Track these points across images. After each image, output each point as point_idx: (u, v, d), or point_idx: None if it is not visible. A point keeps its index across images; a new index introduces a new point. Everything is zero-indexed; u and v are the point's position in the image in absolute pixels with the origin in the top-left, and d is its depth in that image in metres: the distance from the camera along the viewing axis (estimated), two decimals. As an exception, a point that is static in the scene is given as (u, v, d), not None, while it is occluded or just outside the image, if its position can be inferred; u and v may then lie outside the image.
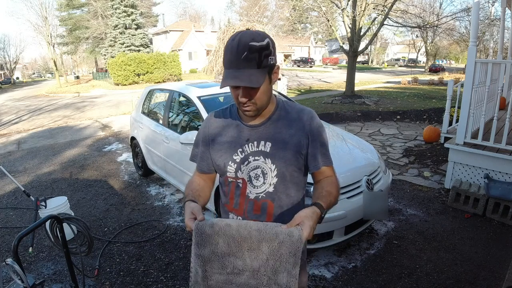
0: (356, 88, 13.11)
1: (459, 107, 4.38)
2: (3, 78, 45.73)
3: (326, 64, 46.96)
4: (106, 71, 29.91)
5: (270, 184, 1.17)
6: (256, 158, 1.16)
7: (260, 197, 1.18)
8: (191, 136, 3.11)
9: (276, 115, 1.18)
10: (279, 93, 4.31)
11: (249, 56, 0.99)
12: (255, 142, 1.16)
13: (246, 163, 1.17)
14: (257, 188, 1.18)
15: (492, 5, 18.88)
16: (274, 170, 1.15)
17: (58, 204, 3.06)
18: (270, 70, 1.06)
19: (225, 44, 1.04)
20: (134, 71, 23.51)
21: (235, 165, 1.18)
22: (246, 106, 1.09)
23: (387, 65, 47.27)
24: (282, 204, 1.19)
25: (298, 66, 40.01)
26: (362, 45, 12.90)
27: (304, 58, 41.57)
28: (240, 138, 1.18)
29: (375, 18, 13.62)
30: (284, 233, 0.96)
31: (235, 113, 1.22)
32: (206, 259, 1.03)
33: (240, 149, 1.18)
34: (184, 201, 1.18)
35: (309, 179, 1.26)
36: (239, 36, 1.00)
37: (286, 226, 0.97)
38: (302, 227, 0.96)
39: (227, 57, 1.02)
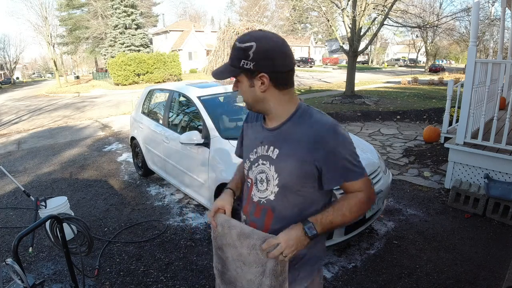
0: (356, 88, 13.11)
1: (459, 107, 4.38)
2: (3, 78, 45.75)
3: (326, 64, 46.96)
4: (106, 71, 29.90)
5: (272, 192, 1.12)
6: (264, 162, 1.14)
7: (261, 202, 1.16)
8: (191, 136, 3.11)
9: (291, 122, 1.09)
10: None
11: (230, 53, 1.10)
12: (266, 146, 1.14)
13: (256, 164, 1.17)
14: (261, 192, 1.16)
15: (492, 5, 18.93)
16: (276, 179, 1.10)
17: (58, 204, 3.06)
18: (249, 74, 1.04)
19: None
20: (134, 71, 23.49)
21: (249, 164, 1.20)
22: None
23: (387, 65, 47.27)
24: (283, 217, 1.11)
25: (298, 66, 39.95)
26: (362, 45, 12.90)
27: (304, 58, 41.56)
28: (257, 139, 1.19)
29: (375, 18, 13.62)
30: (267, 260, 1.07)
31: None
32: (220, 256, 1.22)
33: (255, 150, 1.18)
34: (226, 186, 1.33)
35: None
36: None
37: (267, 252, 1.04)
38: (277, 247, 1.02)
39: None
